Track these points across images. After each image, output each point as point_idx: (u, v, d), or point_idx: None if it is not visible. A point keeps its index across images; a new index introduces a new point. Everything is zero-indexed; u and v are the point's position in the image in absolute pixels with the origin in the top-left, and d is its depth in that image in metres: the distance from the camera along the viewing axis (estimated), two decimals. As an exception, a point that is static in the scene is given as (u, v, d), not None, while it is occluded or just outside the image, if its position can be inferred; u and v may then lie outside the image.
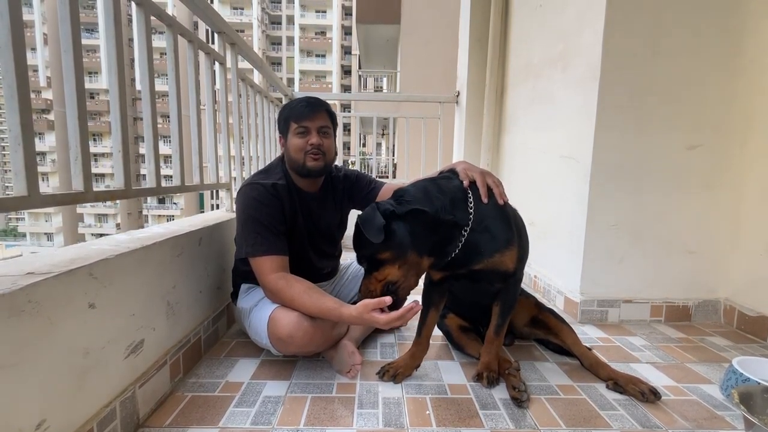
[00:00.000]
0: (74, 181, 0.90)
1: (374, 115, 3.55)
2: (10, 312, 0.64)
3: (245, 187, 1.30)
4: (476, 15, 2.92)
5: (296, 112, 1.33)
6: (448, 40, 5.09)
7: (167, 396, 1.10)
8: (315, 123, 1.32)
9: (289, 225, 1.31)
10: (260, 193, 1.26)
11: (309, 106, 1.33)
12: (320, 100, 1.39)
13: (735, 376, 1.16)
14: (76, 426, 0.78)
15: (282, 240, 1.25)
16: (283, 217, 1.28)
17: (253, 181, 1.30)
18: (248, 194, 1.27)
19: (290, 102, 1.41)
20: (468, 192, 1.13)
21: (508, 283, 1.20)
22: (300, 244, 1.36)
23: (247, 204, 1.26)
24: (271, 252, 1.21)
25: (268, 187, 1.27)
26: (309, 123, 1.32)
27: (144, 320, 1.00)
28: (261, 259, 1.20)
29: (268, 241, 1.22)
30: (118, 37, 1.02)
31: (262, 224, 1.23)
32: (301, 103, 1.34)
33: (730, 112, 1.66)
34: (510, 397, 1.13)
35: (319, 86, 35.02)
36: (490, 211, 1.13)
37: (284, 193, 1.31)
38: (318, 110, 1.33)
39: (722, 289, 1.77)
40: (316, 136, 1.32)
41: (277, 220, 1.26)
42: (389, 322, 1.08)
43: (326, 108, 1.36)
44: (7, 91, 0.71)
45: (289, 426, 0.99)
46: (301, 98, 1.38)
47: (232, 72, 1.86)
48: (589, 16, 1.69)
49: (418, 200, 1.06)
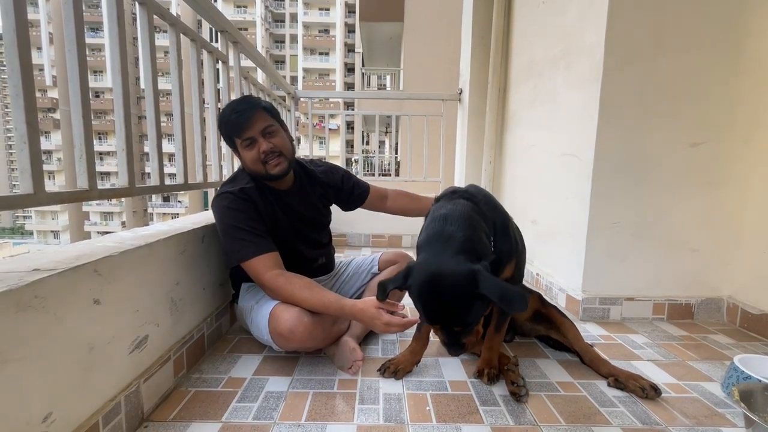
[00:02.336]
0: (79, 179, 0.91)
1: (377, 113, 3.55)
2: (17, 307, 0.65)
3: (216, 199, 1.29)
4: (479, 13, 2.91)
5: (232, 127, 1.27)
6: (451, 38, 5.08)
7: (171, 391, 1.12)
8: (256, 128, 1.26)
9: (270, 224, 1.30)
10: (231, 201, 1.25)
11: (241, 114, 1.25)
12: (249, 99, 1.31)
13: (736, 373, 1.16)
14: (82, 419, 0.80)
15: (267, 238, 1.25)
16: (260, 217, 1.27)
17: (221, 192, 1.29)
18: (220, 205, 1.26)
19: (221, 115, 1.31)
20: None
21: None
22: (288, 238, 1.36)
23: (222, 214, 1.25)
24: (260, 252, 1.21)
25: (237, 193, 1.26)
26: (250, 132, 1.26)
27: (148, 316, 1.02)
28: (253, 261, 1.21)
29: (254, 243, 1.22)
30: (122, 36, 1.03)
31: (242, 229, 1.22)
32: (232, 115, 1.26)
33: (734, 110, 1.65)
34: (509, 392, 1.15)
35: (322, 84, 35.03)
36: (500, 227, 1.17)
37: (255, 195, 1.29)
38: (252, 114, 1.26)
39: (725, 287, 1.77)
40: (264, 142, 1.27)
41: (255, 221, 1.25)
42: (390, 324, 1.11)
43: (260, 105, 1.29)
44: (13, 90, 0.73)
45: (290, 421, 1.00)
46: (229, 107, 1.28)
47: (234, 70, 1.87)
48: (592, 14, 1.69)
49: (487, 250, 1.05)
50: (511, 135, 2.70)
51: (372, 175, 3.90)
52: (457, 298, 0.95)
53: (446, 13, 6.80)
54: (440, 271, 0.96)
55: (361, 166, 9.05)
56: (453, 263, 0.96)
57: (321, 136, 22.55)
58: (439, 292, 0.95)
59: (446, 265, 0.96)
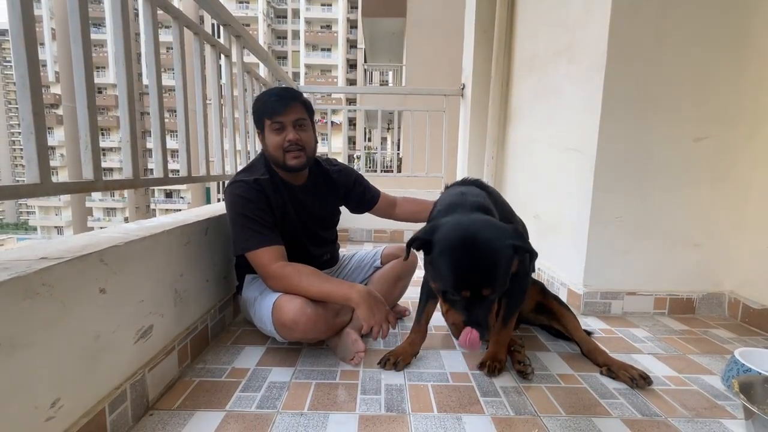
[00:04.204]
0: (84, 170, 0.92)
1: (379, 109, 3.55)
2: (25, 294, 0.66)
3: (229, 186, 1.30)
4: (482, 7, 2.90)
5: (269, 108, 1.28)
6: (454, 34, 5.05)
7: (176, 380, 1.13)
8: (289, 117, 1.28)
9: (279, 217, 1.31)
10: (244, 190, 1.26)
11: (280, 99, 1.27)
12: (293, 91, 1.33)
13: (737, 366, 1.16)
14: (89, 406, 0.81)
15: (275, 231, 1.26)
16: (270, 209, 1.28)
17: (235, 180, 1.30)
18: (233, 193, 1.27)
19: (261, 96, 1.35)
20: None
21: (513, 279, 1.21)
22: (295, 233, 1.37)
23: (233, 202, 1.26)
24: (266, 243, 1.22)
25: (251, 183, 1.27)
26: (283, 118, 1.28)
27: (153, 307, 1.03)
28: (258, 252, 1.22)
29: (261, 234, 1.23)
30: (126, 28, 1.03)
31: (252, 219, 1.23)
32: (272, 98, 1.28)
33: (738, 104, 1.65)
34: (516, 371, 1.19)
35: (324, 80, 34.95)
36: (506, 218, 1.18)
37: (268, 187, 1.30)
38: (291, 103, 1.28)
39: (727, 281, 1.77)
40: (292, 131, 1.29)
41: (265, 212, 1.26)
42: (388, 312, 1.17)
43: (300, 99, 1.31)
44: (20, 81, 0.73)
45: (293, 410, 1.02)
46: (271, 91, 1.32)
47: (237, 65, 1.87)
48: (595, 8, 1.68)
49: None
50: (513, 130, 2.70)
51: (374, 172, 3.91)
52: (494, 252, 0.89)
53: (449, 8, 6.76)
54: (474, 225, 0.92)
55: (363, 163, 9.05)
56: (486, 219, 0.94)
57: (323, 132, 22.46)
58: (473, 246, 0.89)
59: (480, 220, 0.93)
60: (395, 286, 1.54)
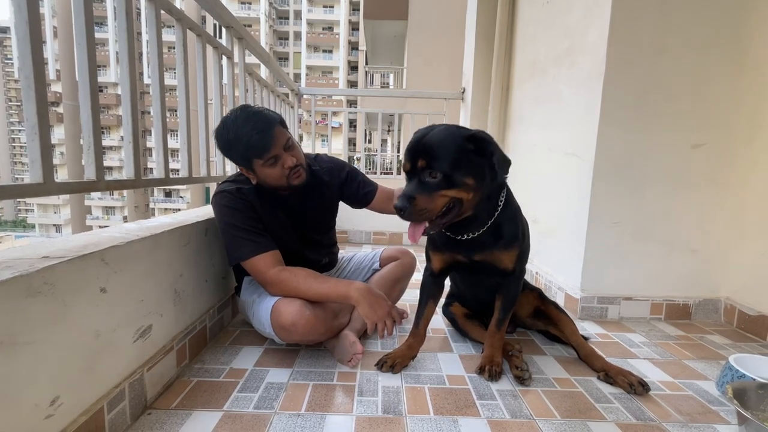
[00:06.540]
0: (87, 171, 0.93)
1: (379, 111, 3.56)
2: (27, 292, 0.67)
3: (215, 197, 1.29)
4: (483, 11, 2.92)
5: (256, 146, 1.17)
6: (455, 37, 5.08)
7: (174, 380, 1.13)
8: (278, 145, 1.20)
9: (270, 224, 1.29)
10: (229, 200, 1.25)
11: (262, 132, 1.17)
12: (265, 114, 1.21)
13: (731, 372, 1.17)
14: (88, 404, 0.82)
15: (266, 236, 1.25)
16: (258, 216, 1.27)
17: (220, 190, 1.30)
18: (219, 203, 1.27)
19: (235, 132, 1.18)
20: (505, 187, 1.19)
21: (508, 279, 1.23)
22: (289, 239, 1.36)
23: (221, 212, 1.26)
24: (259, 251, 1.21)
25: (234, 192, 1.26)
26: (274, 150, 1.20)
27: (152, 306, 1.04)
28: (253, 260, 1.21)
29: (253, 242, 1.22)
30: (130, 28, 1.04)
31: (241, 228, 1.22)
32: (253, 134, 1.16)
33: (736, 111, 1.66)
34: (513, 376, 1.20)
35: (325, 82, 35.01)
36: (510, 212, 1.20)
37: (252, 196, 1.28)
38: (273, 131, 1.19)
39: (723, 288, 1.78)
40: (288, 157, 1.23)
41: (253, 219, 1.25)
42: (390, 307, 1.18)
43: (276, 120, 1.23)
44: (25, 82, 0.74)
45: (290, 411, 1.02)
46: (247, 125, 1.17)
47: (239, 66, 1.88)
48: (595, 14, 1.70)
49: None
50: (513, 134, 2.71)
51: (374, 173, 3.92)
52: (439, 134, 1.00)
53: (450, 12, 6.80)
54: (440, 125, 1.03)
55: (364, 164, 9.07)
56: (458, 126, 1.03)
57: (323, 134, 22.53)
58: (425, 131, 1.03)
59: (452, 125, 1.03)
60: (394, 288, 1.54)
